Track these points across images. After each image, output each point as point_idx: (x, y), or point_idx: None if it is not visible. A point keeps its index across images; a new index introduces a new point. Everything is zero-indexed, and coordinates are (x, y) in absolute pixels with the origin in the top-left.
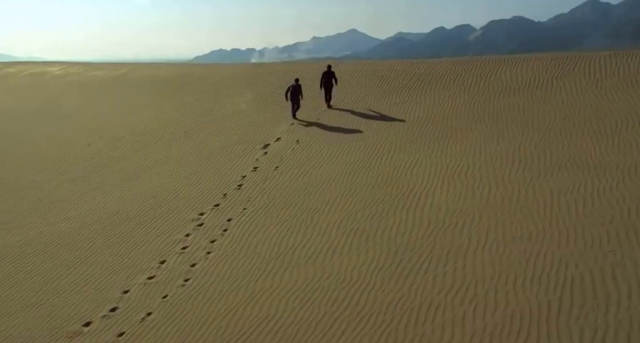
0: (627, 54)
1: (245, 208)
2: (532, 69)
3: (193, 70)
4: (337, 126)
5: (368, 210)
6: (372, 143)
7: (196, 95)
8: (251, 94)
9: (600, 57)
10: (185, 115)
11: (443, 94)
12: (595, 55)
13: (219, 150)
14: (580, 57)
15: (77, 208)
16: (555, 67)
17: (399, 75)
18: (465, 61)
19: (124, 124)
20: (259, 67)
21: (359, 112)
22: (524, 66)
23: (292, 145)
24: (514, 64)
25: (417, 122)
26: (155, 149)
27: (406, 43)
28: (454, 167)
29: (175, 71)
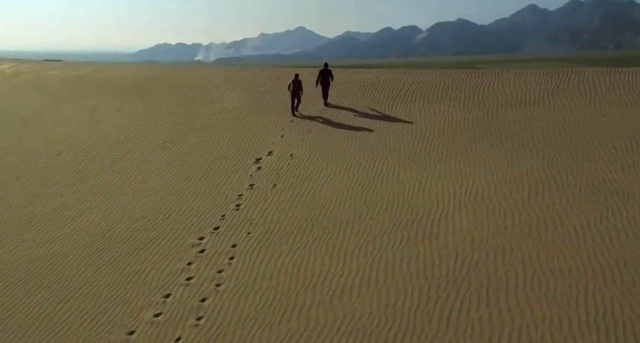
0: (617, 71)
1: (250, 233)
2: (523, 83)
3: (163, 73)
4: (331, 139)
5: (386, 237)
6: (371, 160)
7: (170, 100)
8: (231, 100)
9: (590, 73)
10: (161, 122)
11: (437, 107)
12: (584, 71)
13: (207, 165)
14: (570, 73)
15: (56, 230)
16: (546, 82)
17: (387, 86)
18: (453, 73)
19: (95, 131)
20: (236, 72)
21: (352, 124)
22: (515, 80)
23: (286, 160)
24: (504, 78)
25: (415, 138)
26: (134, 161)
27: (355, 42)
28: (467, 189)
29: (142, 73)
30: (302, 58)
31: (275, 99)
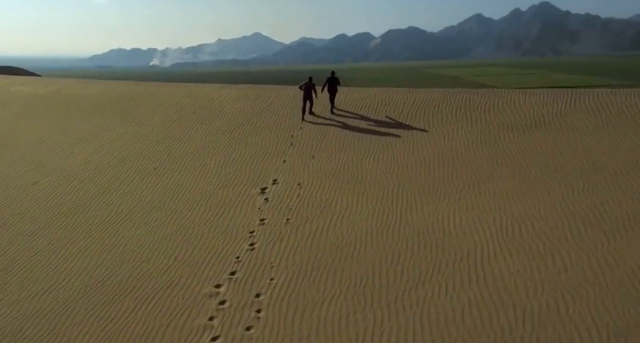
0: (621, 92)
1: (273, 279)
2: (528, 104)
3: (143, 88)
4: (337, 164)
5: (428, 283)
6: (387, 189)
7: (154, 119)
8: (221, 121)
9: (594, 94)
10: (147, 145)
11: (445, 129)
12: (589, 91)
13: (207, 195)
14: (574, 94)
15: (46, 278)
16: (552, 102)
17: (387, 105)
18: (454, 93)
19: (73, 156)
20: (222, 90)
21: (358, 147)
22: (518, 101)
23: (294, 190)
24: (507, 98)
25: (429, 164)
26: (124, 192)
27: (310, 48)
28: (502, 225)
29: (120, 89)
30: (259, 63)
31: (270, 119)
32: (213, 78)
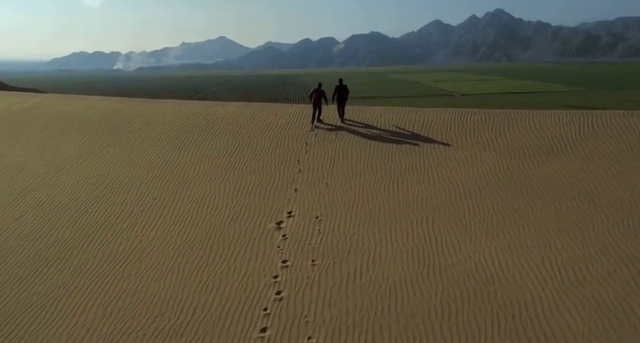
0: (637, 114)
1: (311, 338)
2: (545, 125)
3: (128, 105)
4: (354, 193)
5: (499, 340)
6: (416, 223)
7: (146, 141)
8: (219, 143)
9: (610, 116)
10: (141, 172)
11: (463, 154)
12: (602, 113)
13: (217, 231)
14: (589, 116)
15: (46, 338)
16: (568, 124)
17: (396, 126)
18: (463, 114)
19: (59, 185)
20: (215, 108)
21: (373, 172)
22: (533, 122)
23: (314, 224)
24: (521, 119)
25: (455, 193)
26: (122, 227)
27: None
28: (554, 269)
29: (104, 106)
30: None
31: (272, 141)
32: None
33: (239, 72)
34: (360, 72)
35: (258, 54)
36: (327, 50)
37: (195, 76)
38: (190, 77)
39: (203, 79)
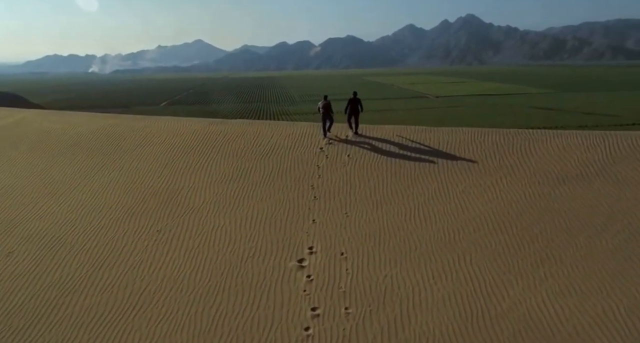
0: None
1: None
2: (567, 147)
3: (120, 122)
4: (378, 225)
5: None
6: (452, 261)
7: (143, 163)
8: (223, 166)
9: (632, 138)
10: (141, 198)
11: (486, 179)
12: (623, 134)
13: (233, 271)
14: (610, 136)
15: None
16: (593, 147)
17: (407, 146)
18: (476, 133)
19: (52, 214)
20: (214, 126)
21: (393, 200)
22: (555, 143)
23: (340, 262)
24: (541, 141)
25: (484, 225)
26: (127, 266)
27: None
28: (618, 317)
29: (93, 123)
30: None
31: (280, 164)
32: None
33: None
34: (338, 75)
35: (235, 57)
36: (303, 53)
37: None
38: (166, 79)
39: (180, 81)
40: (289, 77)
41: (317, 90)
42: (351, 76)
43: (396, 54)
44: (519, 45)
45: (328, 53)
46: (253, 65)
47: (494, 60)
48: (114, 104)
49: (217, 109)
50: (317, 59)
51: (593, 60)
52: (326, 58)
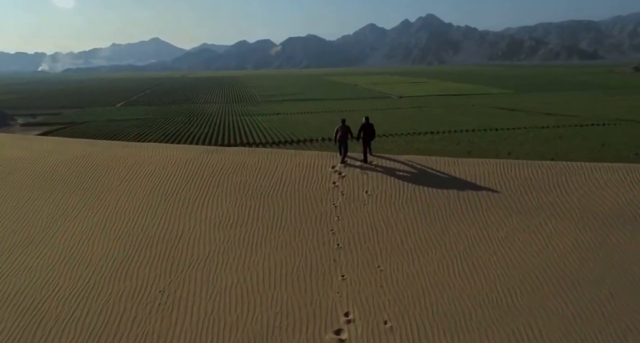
0: None
1: None
2: (608, 182)
3: (95, 151)
4: (420, 283)
5: None
6: (519, 334)
7: (129, 201)
8: (226, 204)
9: None
10: (135, 248)
11: (528, 221)
12: None
13: (264, 338)
14: None
15: None
16: (636, 185)
17: (425, 178)
18: (509, 166)
19: (30, 270)
20: (209, 155)
21: (426, 248)
22: (594, 177)
23: (385, 335)
24: (574, 173)
25: (550, 282)
26: (129, 341)
27: (212, 54)
28: None
29: (66, 151)
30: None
31: (291, 203)
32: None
33: (174, 73)
34: (299, 75)
35: (193, 56)
36: (264, 52)
37: (127, 78)
38: (122, 79)
39: (136, 81)
40: (250, 77)
41: (279, 90)
42: (313, 76)
43: (357, 53)
44: (478, 45)
45: (289, 52)
46: (212, 64)
47: (454, 60)
48: (66, 104)
49: (178, 110)
50: (278, 58)
51: (549, 60)
52: (287, 57)
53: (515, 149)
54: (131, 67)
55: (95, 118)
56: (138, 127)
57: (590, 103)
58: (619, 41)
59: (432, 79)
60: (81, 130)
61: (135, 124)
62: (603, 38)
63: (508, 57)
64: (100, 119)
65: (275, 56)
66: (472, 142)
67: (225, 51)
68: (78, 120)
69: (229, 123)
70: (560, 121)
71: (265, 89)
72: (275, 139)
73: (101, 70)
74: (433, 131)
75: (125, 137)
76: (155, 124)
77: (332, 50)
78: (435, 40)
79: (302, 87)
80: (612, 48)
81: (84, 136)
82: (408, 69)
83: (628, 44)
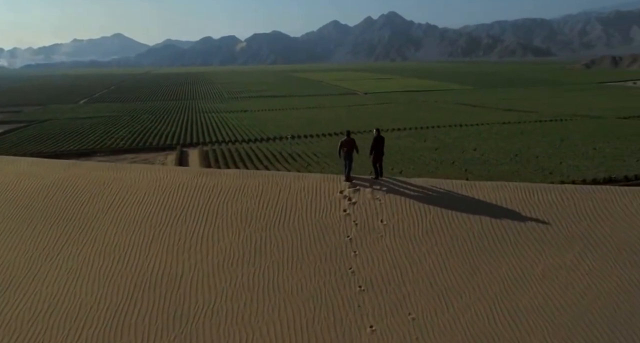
0: None
1: None
2: (633, 211)
3: (79, 173)
4: (459, 327)
5: None
6: None
7: (118, 234)
8: (228, 239)
9: None
10: (129, 293)
11: (566, 256)
12: None
13: None
14: None
15: None
16: None
17: (445, 205)
18: (527, 189)
19: (8, 325)
20: (203, 178)
21: (459, 284)
22: (621, 204)
23: None
24: (602, 200)
25: (599, 335)
26: None
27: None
28: None
29: (42, 175)
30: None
31: (300, 235)
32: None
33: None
34: (265, 71)
35: (157, 52)
36: (229, 48)
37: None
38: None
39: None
40: (216, 73)
41: (246, 86)
42: (279, 72)
43: (322, 50)
44: (439, 42)
45: (254, 48)
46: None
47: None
48: (27, 102)
49: (143, 107)
50: (244, 55)
51: (506, 57)
52: (252, 53)
53: (480, 144)
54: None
55: (58, 116)
56: (104, 125)
57: (547, 99)
58: (569, 39)
59: (395, 75)
60: (44, 128)
61: (101, 121)
62: (555, 36)
63: (467, 54)
64: (64, 117)
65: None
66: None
67: (190, 47)
68: (40, 118)
69: (197, 120)
70: (521, 117)
71: (231, 86)
72: (245, 137)
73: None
74: (400, 128)
75: (91, 135)
76: (121, 121)
77: (297, 46)
78: (397, 37)
79: (269, 84)
80: (564, 45)
81: (48, 135)
82: (372, 65)
83: (578, 42)
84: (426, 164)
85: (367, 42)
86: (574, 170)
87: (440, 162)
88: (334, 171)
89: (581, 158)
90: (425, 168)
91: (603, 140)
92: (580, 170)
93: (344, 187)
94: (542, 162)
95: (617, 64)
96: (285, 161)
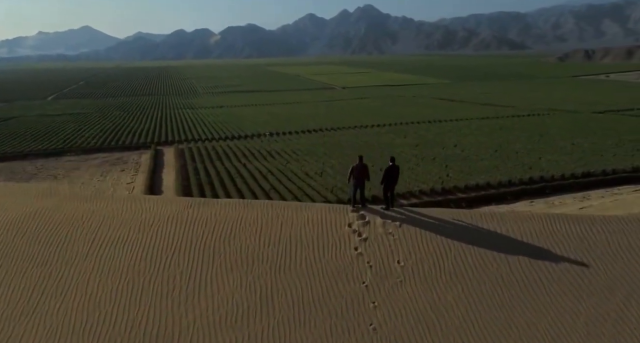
0: None
1: None
2: None
3: (47, 206)
4: None
5: None
6: None
7: (102, 282)
8: (229, 286)
9: None
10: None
11: (602, 306)
12: None
13: None
14: None
15: None
16: None
17: (471, 241)
18: (547, 220)
19: None
20: (194, 210)
21: (489, 339)
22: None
23: None
24: (631, 233)
25: None
26: None
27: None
28: None
29: (10, 207)
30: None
31: (309, 281)
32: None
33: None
34: (240, 64)
35: (127, 45)
36: (203, 41)
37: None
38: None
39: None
40: (189, 67)
41: (221, 81)
42: (254, 66)
43: (298, 43)
44: (415, 35)
45: (229, 42)
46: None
47: (393, 50)
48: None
49: (114, 103)
50: (218, 48)
51: (481, 50)
52: (227, 47)
53: (460, 140)
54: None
55: (25, 113)
56: (74, 123)
57: (523, 93)
58: (543, 32)
59: (372, 69)
60: (10, 127)
61: (70, 119)
62: (529, 29)
63: (443, 47)
64: (31, 114)
65: (214, 45)
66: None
67: (162, 40)
68: (6, 115)
69: (171, 117)
70: (499, 112)
71: (206, 80)
72: (222, 134)
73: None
74: (379, 124)
75: (61, 133)
76: (92, 118)
77: (273, 39)
78: (373, 30)
79: (244, 78)
80: (538, 39)
81: (15, 134)
82: (348, 59)
83: (552, 35)
84: (407, 160)
85: (343, 35)
86: (553, 165)
87: (422, 159)
88: (314, 169)
89: (560, 153)
90: (406, 164)
91: (580, 135)
92: (560, 165)
93: (352, 219)
94: (521, 158)
95: (589, 57)
96: (263, 159)
